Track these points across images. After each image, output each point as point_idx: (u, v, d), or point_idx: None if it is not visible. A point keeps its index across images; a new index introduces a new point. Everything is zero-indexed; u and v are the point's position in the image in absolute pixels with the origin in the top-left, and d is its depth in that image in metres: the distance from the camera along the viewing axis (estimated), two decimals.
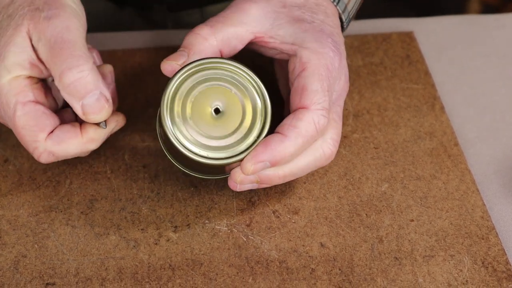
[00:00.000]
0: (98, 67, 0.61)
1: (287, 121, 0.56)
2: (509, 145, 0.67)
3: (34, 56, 0.57)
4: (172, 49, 0.73)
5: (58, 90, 0.57)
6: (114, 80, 0.62)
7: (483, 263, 0.58)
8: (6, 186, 0.62)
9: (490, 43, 0.76)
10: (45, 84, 0.60)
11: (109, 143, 0.65)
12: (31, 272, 0.57)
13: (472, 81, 0.72)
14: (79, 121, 0.60)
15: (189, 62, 0.57)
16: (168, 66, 0.58)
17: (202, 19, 0.86)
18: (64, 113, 0.61)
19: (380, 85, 0.70)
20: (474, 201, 0.62)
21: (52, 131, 0.58)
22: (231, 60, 0.57)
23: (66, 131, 0.58)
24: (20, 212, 0.60)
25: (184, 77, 0.56)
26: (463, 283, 0.56)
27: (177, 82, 0.56)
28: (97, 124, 0.58)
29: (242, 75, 0.57)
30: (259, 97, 0.57)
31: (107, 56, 0.72)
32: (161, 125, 0.56)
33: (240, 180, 0.57)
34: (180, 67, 0.57)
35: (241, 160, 0.56)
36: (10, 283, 0.56)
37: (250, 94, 0.57)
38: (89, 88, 0.56)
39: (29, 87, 0.58)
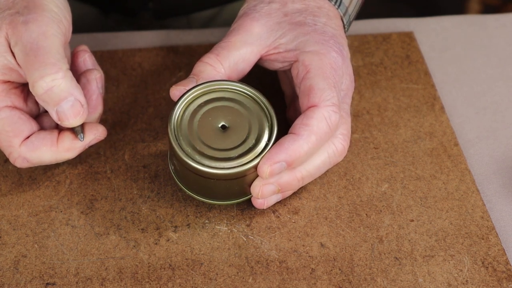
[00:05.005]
0: (85, 72, 0.61)
1: (298, 121, 0.57)
2: (509, 145, 0.67)
3: (13, 61, 0.56)
4: (172, 50, 0.73)
5: None
6: (102, 86, 0.61)
7: (483, 263, 0.58)
8: (6, 186, 0.62)
9: (490, 43, 0.76)
10: (25, 89, 0.60)
11: (109, 143, 0.65)
12: (31, 272, 0.57)
13: (472, 81, 0.72)
14: (59, 128, 0.60)
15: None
16: (176, 91, 0.59)
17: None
18: (45, 118, 0.61)
19: (380, 85, 0.70)
20: (474, 201, 0.62)
21: (28, 137, 0.58)
22: (232, 81, 0.59)
23: (42, 139, 0.58)
24: (20, 212, 0.60)
25: (189, 99, 0.58)
26: (463, 283, 0.56)
27: (183, 104, 0.58)
28: (75, 135, 0.58)
29: (244, 92, 0.59)
30: (264, 110, 0.58)
31: (107, 56, 0.72)
32: (171, 147, 0.57)
33: (261, 193, 0.57)
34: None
35: (256, 165, 0.56)
36: (10, 283, 0.56)
37: (254, 109, 0.58)
38: (62, 95, 0.55)
39: (5, 92, 0.58)
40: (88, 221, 0.60)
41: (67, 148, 0.58)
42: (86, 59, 0.62)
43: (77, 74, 0.61)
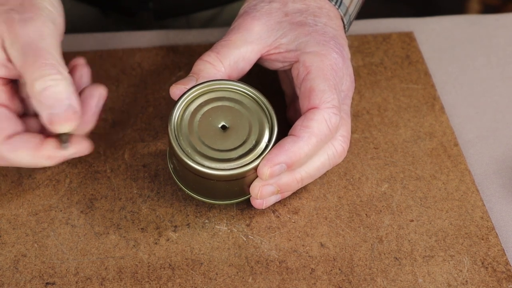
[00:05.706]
0: (91, 86, 0.58)
1: (298, 122, 0.56)
2: (509, 145, 0.67)
3: (2, 57, 0.56)
4: (172, 49, 0.73)
5: (27, 96, 0.56)
6: (101, 105, 0.58)
7: (483, 263, 0.58)
8: (6, 185, 0.62)
9: (490, 43, 0.76)
10: (14, 87, 0.59)
11: (109, 143, 0.65)
12: (31, 271, 0.57)
13: (472, 81, 0.72)
14: (45, 133, 0.58)
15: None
16: (176, 90, 0.58)
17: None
18: (32, 120, 0.59)
19: (380, 85, 0.70)
20: (474, 201, 0.62)
21: (11, 136, 0.57)
22: (233, 80, 0.59)
23: (25, 141, 0.56)
24: (20, 211, 0.60)
25: (190, 99, 0.58)
26: (463, 283, 0.56)
27: (183, 104, 0.58)
28: (59, 144, 0.56)
29: (245, 92, 0.59)
30: (264, 110, 0.58)
31: (107, 56, 0.72)
32: (171, 147, 0.57)
33: (261, 194, 0.57)
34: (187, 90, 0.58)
35: (256, 166, 0.56)
36: (10, 282, 0.56)
37: (254, 109, 0.58)
38: (59, 97, 0.54)
39: None
40: (88, 221, 0.60)
41: (47, 156, 0.57)
42: (84, 75, 0.60)
43: (77, 86, 0.59)
